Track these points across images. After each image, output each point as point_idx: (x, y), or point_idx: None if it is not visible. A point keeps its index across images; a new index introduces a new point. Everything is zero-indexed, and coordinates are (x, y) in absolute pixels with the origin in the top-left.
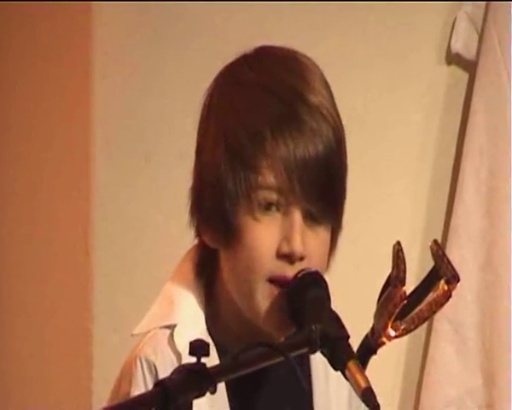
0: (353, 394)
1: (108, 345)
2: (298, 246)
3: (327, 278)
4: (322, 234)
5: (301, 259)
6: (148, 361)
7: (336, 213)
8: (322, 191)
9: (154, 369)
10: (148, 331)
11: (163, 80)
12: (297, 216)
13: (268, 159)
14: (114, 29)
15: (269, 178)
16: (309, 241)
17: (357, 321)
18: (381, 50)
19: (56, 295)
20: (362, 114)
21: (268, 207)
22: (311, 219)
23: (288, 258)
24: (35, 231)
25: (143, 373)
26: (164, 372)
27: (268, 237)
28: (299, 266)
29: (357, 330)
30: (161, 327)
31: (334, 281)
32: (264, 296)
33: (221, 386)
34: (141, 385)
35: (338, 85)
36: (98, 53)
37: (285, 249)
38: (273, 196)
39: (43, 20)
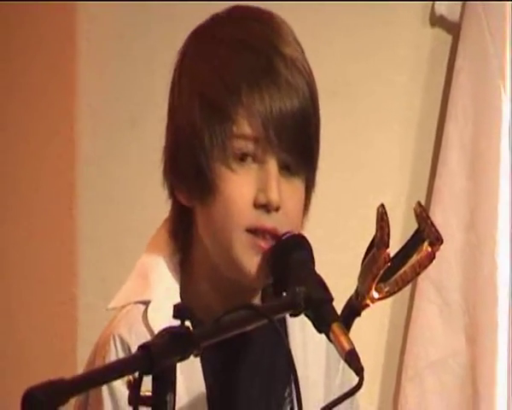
0: (331, 356)
1: (93, 310)
2: (274, 195)
3: (311, 240)
4: (297, 186)
5: (277, 209)
6: (122, 340)
7: (311, 165)
8: (298, 142)
9: (127, 348)
10: (124, 306)
11: (148, 44)
12: (273, 166)
13: (244, 110)
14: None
15: (244, 127)
16: (285, 191)
17: (340, 283)
18: (365, 13)
19: (42, 261)
20: (346, 76)
21: (243, 157)
22: (286, 170)
23: (265, 207)
24: (20, 198)
25: (117, 352)
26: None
27: (244, 187)
28: (275, 216)
29: (340, 292)
30: (136, 302)
31: (319, 244)
32: (242, 246)
33: (196, 359)
34: (112, 360)
35: (323, 48)
36: (83, 17)
37: (262, 199)
38: (249, 146)
39: None
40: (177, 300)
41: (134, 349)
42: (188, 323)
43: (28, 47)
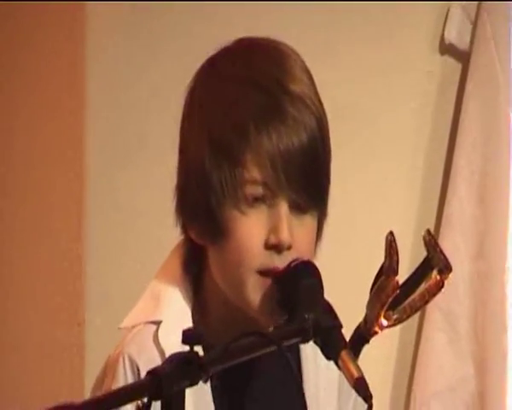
0: (343, 381)
1: (100, 334)
2: (285, 236)
3: (320, 267)
4: (308, 222)
5: (289, 248)
6: (131, 360)
7: (321, 202)
8: (308, 181)
9: (136, 368)
10: (134, 326)
11: (156, 66)
12: (283, 207)
13: (252, 152)
14: (107, 21)
15: (254, 172)
16: (296, 230)
17: (349, 311)
18: (375, 41)
19: (49, 285)
20: (355, 104)
21: (254, 201)
22: (297, 208)
23: (276, 248)
24: (28, 219)
25: (125, 371)
26: (146, 371)
27: (255, 229)
28: (287, 255)
29: (349, 319)
30: (147, 323)
31: (328, 271)
32: (254, 288)
33: (206, 385)
34: (121, 383)
35: (332, 76)
36: (91, 41)
37: (273, 240)
38: (259, 191)
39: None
40: (189, 322)
41: (143, 369)
42: (199, 348)
43: (37, 67)
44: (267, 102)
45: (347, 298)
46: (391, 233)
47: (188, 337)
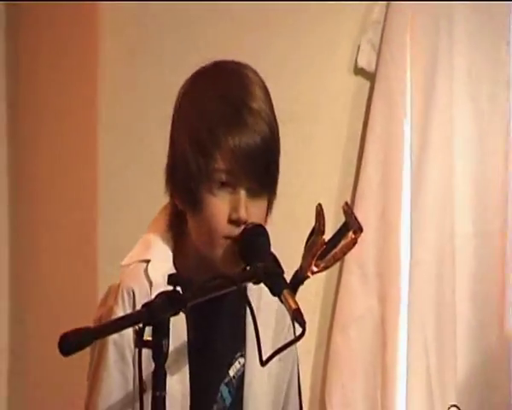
0: (280, 319)
1: (111, 278)
2: (243, 214)
3: (270, 232)
4: (260, 203)
5: (245, 222)
6: (128, 287)
7: (271, 188)
8: (261, 173)
9: (132, 293)
10: (130, 264)
11: (161, 61)
12: (242, 192)
13: (221, 150)
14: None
15: (222, 164)
16: (251, 209)
17: (290, 261)
18: (306, 65)
19: (67, 236)
20: (289, 110)
21: (221, 185)
22: (252, 194)
23: (236, 222)
24: (44, 165)
25: (123, 295)
26: (139, 295)
27: (221, 208)
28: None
29: (290, 267)
30: (140, 261)
31: (275, 234)
32: (221, 248)
33: (181, 316)
34: (120, 304)
35: (273, 89)
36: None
37: (234, 216)
38: (224, 177)
39: None
40: (170, 262)
41: (137, 294)
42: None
43: (54, 63)
44: (234, 115)
45: (288, 252)
46: (319, 205)
47: (171, 281)
